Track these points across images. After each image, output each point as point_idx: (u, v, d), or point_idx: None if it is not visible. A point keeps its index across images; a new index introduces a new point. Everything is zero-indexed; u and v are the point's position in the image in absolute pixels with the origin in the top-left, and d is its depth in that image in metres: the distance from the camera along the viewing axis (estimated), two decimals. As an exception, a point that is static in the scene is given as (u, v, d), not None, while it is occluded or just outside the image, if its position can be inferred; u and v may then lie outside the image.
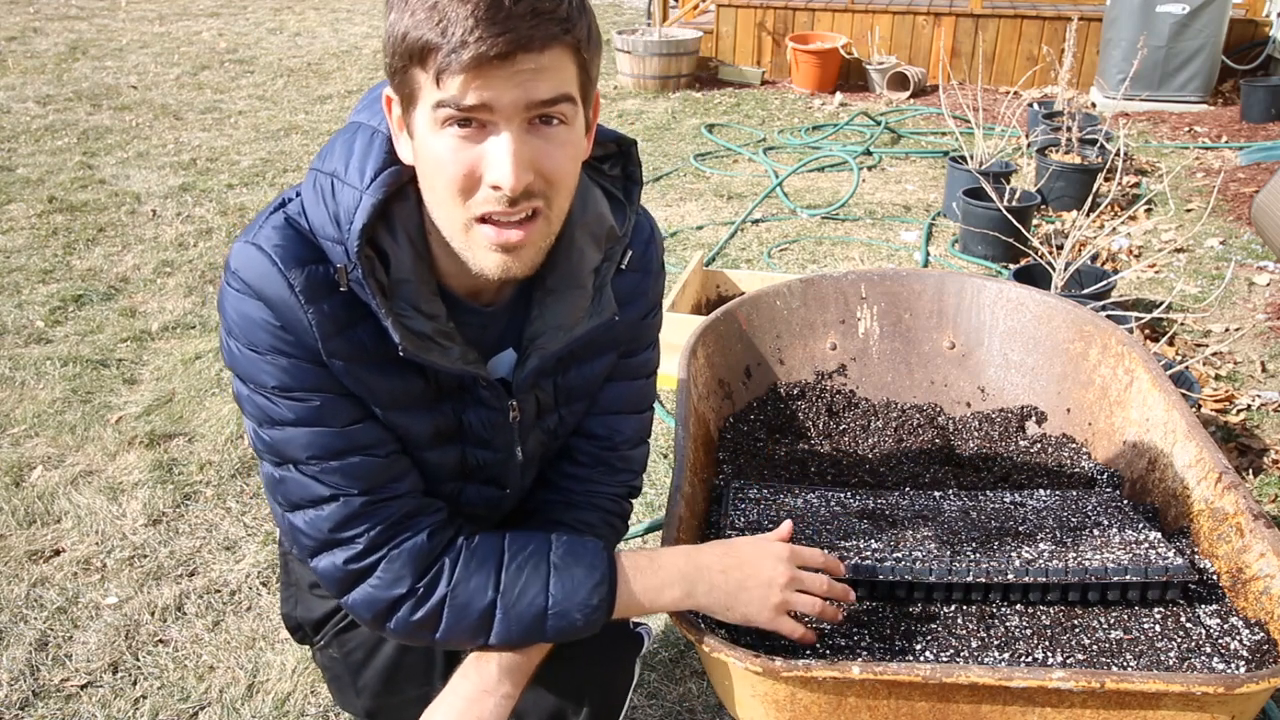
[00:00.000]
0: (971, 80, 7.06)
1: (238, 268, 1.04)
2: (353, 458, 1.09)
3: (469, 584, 1.13)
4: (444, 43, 0.90)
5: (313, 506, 1.11)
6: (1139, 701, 1.12)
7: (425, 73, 0.93)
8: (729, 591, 1.20)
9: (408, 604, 1.12)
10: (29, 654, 2.13)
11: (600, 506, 1.34)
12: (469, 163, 0.96)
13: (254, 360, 1.05)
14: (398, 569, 1.12)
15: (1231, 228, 4.59)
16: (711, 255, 4.28)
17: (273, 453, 1.10)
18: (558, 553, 1.16)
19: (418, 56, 0.92)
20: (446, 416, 1.18)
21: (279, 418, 1.07)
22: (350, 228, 1.01)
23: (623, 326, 1.25)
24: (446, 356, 1.09)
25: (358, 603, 1.14)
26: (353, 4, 10.66)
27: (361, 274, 1.01)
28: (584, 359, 1.25)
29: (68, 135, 5.82)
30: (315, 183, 1.05)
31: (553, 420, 1.28)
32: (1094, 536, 1.45)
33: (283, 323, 1.03)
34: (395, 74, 0.96)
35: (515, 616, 1.13)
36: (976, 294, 2.01)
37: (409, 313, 1.06)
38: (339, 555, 1.12)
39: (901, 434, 1.92)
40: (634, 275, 1.25)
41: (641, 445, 1.39)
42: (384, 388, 1.10)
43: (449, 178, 0.96)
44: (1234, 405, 3.08)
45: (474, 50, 0.89)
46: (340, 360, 1.06)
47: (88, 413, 3.03)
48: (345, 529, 1.11)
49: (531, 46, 0.91)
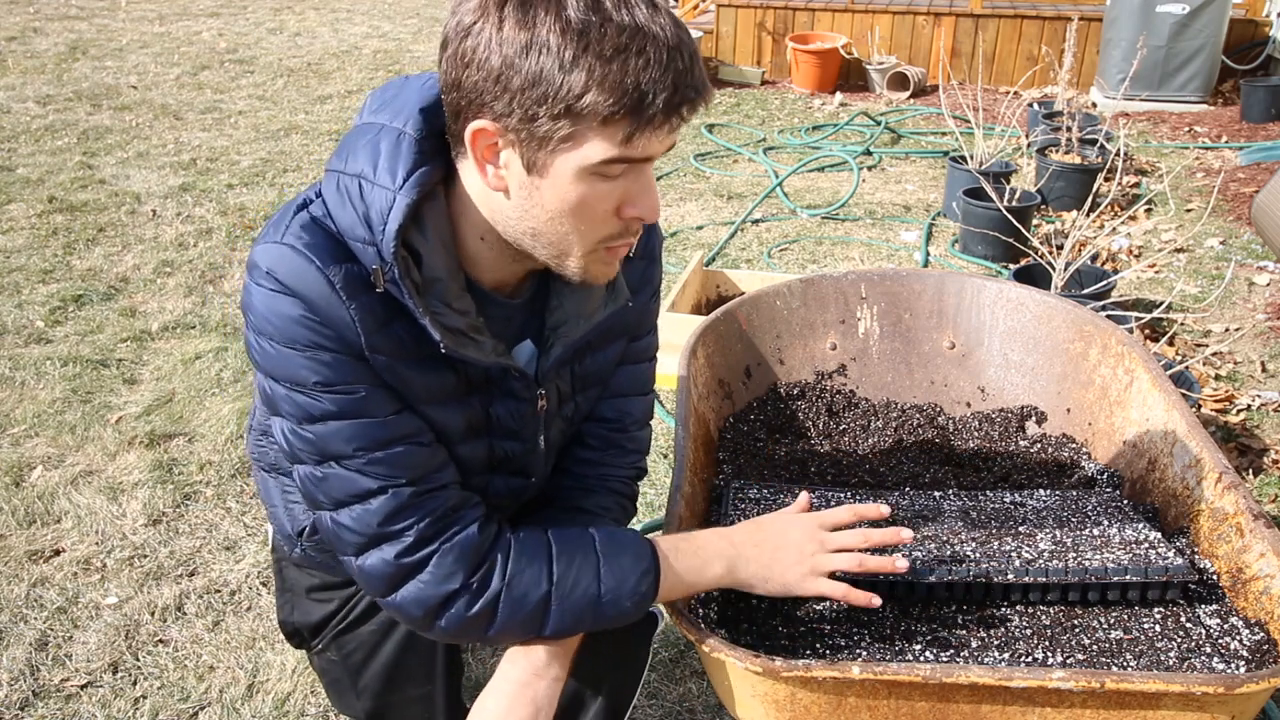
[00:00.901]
0: (971, 80, 7.06)
1: (270, 267, 1.03)
2: (397, 447, 1.09)
3: (524, 576, 1.13)
4: (644, 113, 0.93)
5: (359, 501, 1.09)
6: (1139, 701, 1.12)
7: (603, 133, 0.95)
8: (765, 563, 1.22)
9: (461, 600, 1.11)
10: (29, 654, 2.13)
11: (614, 490, 1.38)
12: (615, 200, 1.02)
13: (292, 358, 1.04)
14: (450, 564, 1.10)
15: (1231, 228, 4.59)
16: (711, 255, 4.28)
17: (314, 450, 1.08)
18: (602, 543, 1.18)
19: (595, 120, 0.93)
20: (475, 410, 1.19)
21: (320, 413, 1.06)
22: (385, 228, 1.01)
23: (633, 312, 1.30)
24: (481, 350, 1.11)
25: (407, 600, 1.11)
26: (353, 4, 10.66)
27: (398, 274, 1.02)
28: (599, 347, 1.29)
29: (68, 135, 5.82)
30: (339, 184, 1.04)
31: (570, 408, 1.31)
32: (1094, 536, 1.45)
33: (322, 318, 1.03)
34: (533, 119, 0.94)
35: (570, 606, 1.14)
36: (976, 294, 2.01)
37: (442, 310, 1.07)
38: (388, 550, 1.10)
39: (901, 434, 1.92)
40: (641, 263, 1.30)
41: (647, 426, 1.43)
42: (420, 383, 1.11)
43: (597, 216, 1.02)
44: (1234, 405, 3.08)
45: (672, 120, 0.96)
46: (382, 356, 1.06)
47: (88, 413, 3.03)
48: (394, 521, 1.09)
49: (700, 102, 0.97)
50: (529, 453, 1.28)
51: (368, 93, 1.19)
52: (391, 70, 7.64)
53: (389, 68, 7.74)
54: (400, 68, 7.76)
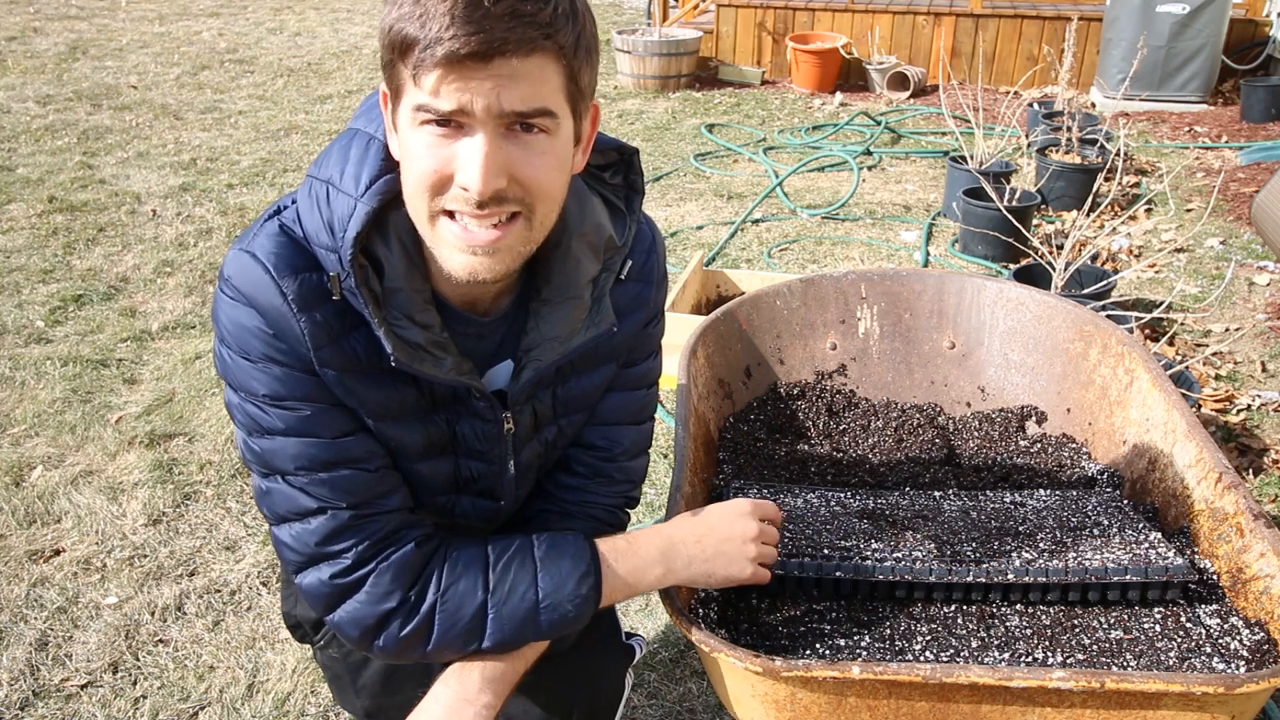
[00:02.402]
0: (971, 80, 7.06)
1: (231, 275, 1.04)
2: (342, 470, 1.08)
3: (458, 587, 1.12)
4: (421, 37, 0.89)
5: (299, 520, 1.09)
6: (1139, 701, 1.12)
7: (406, 69, 0.92)
8: (707, 559, 1.22)
9: (397, 618, 1.10)
10: (29, 654, 2.13)
11: (594, 516, 1.32)
12: (442, 160, 0.95)
13: (245, 368, 1.05)
14: (387, 583, 1.09)
15: (1231, 228, 4.59)
16: (711, 255, 4.28)
17: (261, 463, 1.09)
18: (540, 549, 1.16)
19: (400, 50, 0.92)
20: (439, 428, 1.16)
21: (269, 426, 1.06)
22: (344, 235, 1.00)
23: (622, 337, 1.23)
24: (439, 367, 1.08)
25: (343, 621, 1.11)
26: (353, 4, 10.66)
27: (355, 282, 1.01)
28: (583, 370, 1.24)
29: (68, 135, 5.82)
30: (311, 190, 1.05)
31: (551, 432, 1.26)
32: (1094, 536, 1.45)
33: (275, 330, 1.03)
34: (385, 68, 0.96)
35: (508, 615, 1.12)
36: (976, 294, 2.01)
37: (402, 322, 1.05)
38: (325, 570, 1.10)
39: (901, 434, 1.92)
40: (634, 285, 1.23)
41: (641, 456, 1.37)
42: (375, 398, 1.09)
43: (421, 172, 0.96)
44: (1234, 405, 3.08)
45: (447, 47, 0.88)
46: (332, 370, 1.05)
47: (88, 413, 3.03)
48: (332, 543, 1.09)
49: (506, 49, 0.89)
50: (496, 475, 1.24)
51: (368, 93, 1.19)
52: (391, 70, 7.62)
53: (389, 68, 7.73)
54: (400, 68, 7.75)
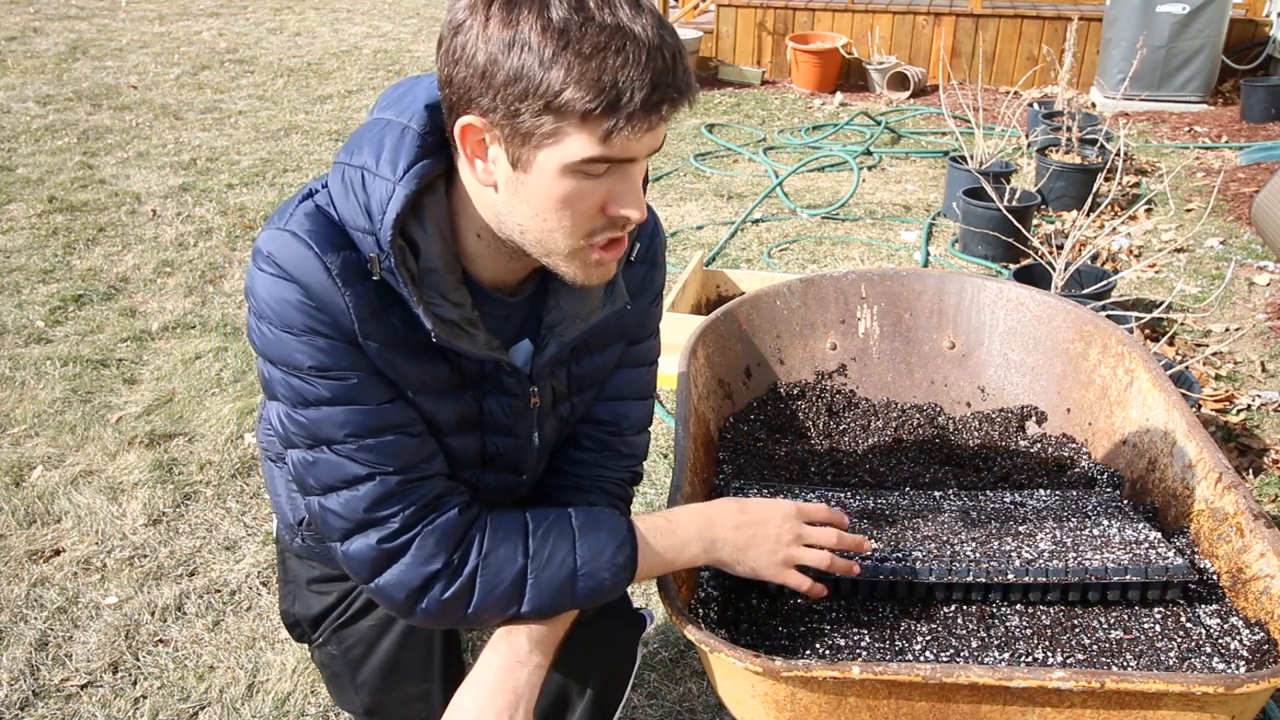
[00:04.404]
0: (971, 80, 7.06)
1: (271, 252, 1.06)
2: (387, 435, 1.11)
3: (499, 552, 1.15)
4: (621, 110, 0.94)
5: (347, 487, 1.12)
6: (1139, 701, 1.12)
7: (582, 130, 0.95)
8: (739, 546, 1.25)
9: (440, 581, 1.13)
10: (29, 654, 2.13)
11: (606, 490, 1.38)
12: (600, 198, 1.02)
13: (289, 341, 1.07)
14: (431, 546, 1.13)
15: (1231, 228, 4.59)
16: (711, 255, 4.28)
17: (306, 434, 1.11)
18: (578, 519, 1.20)
19: (574, 116, 0.94)
20: (469, 404, 1.21)
21: (314, 397, 1.09)
22: (383, 218, 1.04)
23: (632, 315, 1.31)
24: (473, 343, 1.13)
25: (389, 584, 1.14)
26: (353, 4, 10.66)
27: (394, 263, 1.04)
28: (596, 348, 1.31)
29: (68, 135, 5.82)
30: (344, 176, 1.07)
31: (565, 408, 1.33)
32: (1094, 536, 1.45)
33: (318, 304, 1.05)
34: (515, 115, 0.96)
35: (546, 580, 1.16)
36: (976, 294, 2.01)
37: (437, 300, 1.09)
38: (373, 536, 1.12)
39: (901, 434, 1.92)
40: (642, 267, 1.31)
41: (644, 432, 1.43)
42: (414, 372, 1.13)
43: (580, 213, 1.02)
44: (1234, 405, 3.08)
45: (651, 119, 0.95)
46: (374, 343, 1.09)
47: (88, 413, 3.03)
48: (380, 508, 1.12)
49: (682, 103, 0.98)
50: (521, 449, 1.30)
51: (368, 93, 1.20)
52: (391, 70, 7.63)
53: (389, 68, 7.74)
54: (400, 68, 7.76)
